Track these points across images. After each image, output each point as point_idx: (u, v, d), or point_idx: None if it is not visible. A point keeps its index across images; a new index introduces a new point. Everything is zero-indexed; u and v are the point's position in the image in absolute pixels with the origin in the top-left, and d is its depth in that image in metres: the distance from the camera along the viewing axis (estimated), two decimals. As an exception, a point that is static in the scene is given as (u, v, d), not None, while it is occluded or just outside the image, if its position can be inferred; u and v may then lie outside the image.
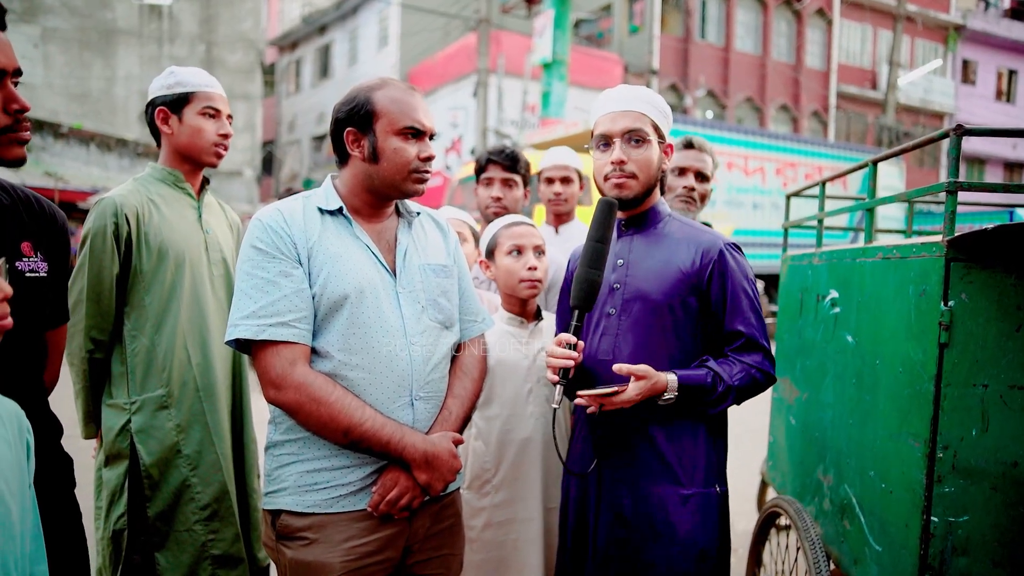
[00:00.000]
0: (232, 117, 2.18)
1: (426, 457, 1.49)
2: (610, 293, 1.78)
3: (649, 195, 1.78)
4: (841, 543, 2.03)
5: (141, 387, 2.00)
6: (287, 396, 1.44)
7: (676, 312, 1.71)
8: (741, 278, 1.72)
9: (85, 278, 1.95)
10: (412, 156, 1.55)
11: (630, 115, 1.72)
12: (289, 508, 1.50)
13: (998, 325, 1.55)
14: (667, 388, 1.63)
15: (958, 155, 1.59)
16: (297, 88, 28.58)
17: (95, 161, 15.15)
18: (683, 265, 1.71)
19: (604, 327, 1.78)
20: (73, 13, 18.57)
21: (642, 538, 1.70)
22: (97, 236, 1.94)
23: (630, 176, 1.72)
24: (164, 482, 2.00)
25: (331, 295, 1.48)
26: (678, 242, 1.76)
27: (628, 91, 1.76)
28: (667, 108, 1.80)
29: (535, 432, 1.97)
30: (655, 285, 1.72)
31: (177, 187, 2.13)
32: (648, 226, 1.81)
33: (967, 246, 1.54)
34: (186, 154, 2.11)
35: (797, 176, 14.46)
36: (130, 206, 1.98)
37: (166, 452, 2.00)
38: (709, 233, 1.77)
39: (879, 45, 25.79)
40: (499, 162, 2.70)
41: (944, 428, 1.56)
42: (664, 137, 1.78)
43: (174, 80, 2.08)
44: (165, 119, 2.08)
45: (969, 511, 1.55)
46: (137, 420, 1.99)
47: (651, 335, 1.72)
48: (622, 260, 1.79)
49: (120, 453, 1.99)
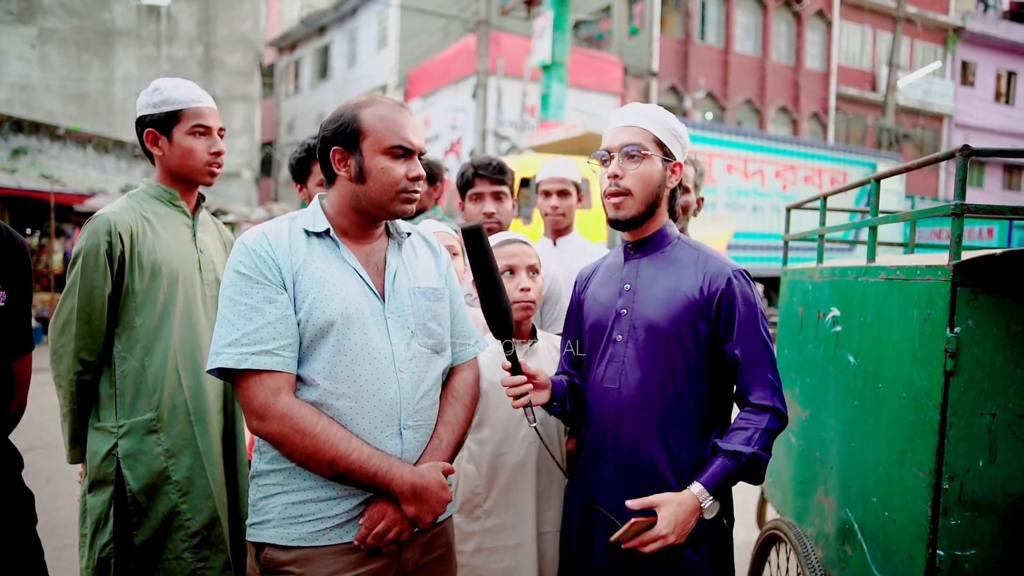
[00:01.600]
0: (224, 130, 2.12)
1: (414, 490, 1.44)
2: (616, 319, 1.72)
3: (651, 216, 1.71)
4: (842, 568, 1.98)
5: (130, 410, 1.94)
6: (270, 427, 1.39)
7: (684, 340, 1.64)
8: (748, 303, 1.64)
9: (76, 298, 1.88)
10: (400, 176, 1.50)
11: (630, 130, 1.68)
12: (273, 541, 1.45)
13: (1006, 352, 1.50)
14: (700, 505, 1.53)
15: (964, 177, 1.54)
16: (296, 89, 28.54)
17: (92, 163, 15.09)
18: (690, 292, 1.64)
19: (611, 354, 1.71)
20: (71, 14, 18.52)
21: (646, 567, 1.64)
22: (89, 255, 1.88)
23: (625, 193, 1.66)
24: (152, 509, 1.94)
25: (317, 321, 1.44)
26: (685, 267, 1.69)
27: (634, 108, 1.72)
28: (679, 127, 1.72)
29: (528, 456, 1.92)
30: (662, 312, 1.65)
31: (172, 205, 2.08)
32: (654, 249, 1.74)
33: (974, 271, 1.50)
34: (179, 175, 2.06)
35: (797, 179, 14.43)
36: (124, 224, 1.93)
37: (154, 478, 1.94)
38: (717, 259, 1.70)
39: (879, 47, 25.76)
40: (487, 176, 2.64)
41: (950, 458, 1.51)
42: (672, 156, 1.71)
43: (160, 98, 2.00)
44: (155, 141, 2.03)
45: (976, 545, 1.50)
46: (124, 444, 1.92)
47: (658, 364, 1.65)
48: (629, 285, 1.73)
49: (106, 479, 1.92)
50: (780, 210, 13.35)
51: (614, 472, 1.70)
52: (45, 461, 4.92)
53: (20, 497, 1.49)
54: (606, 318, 1.74)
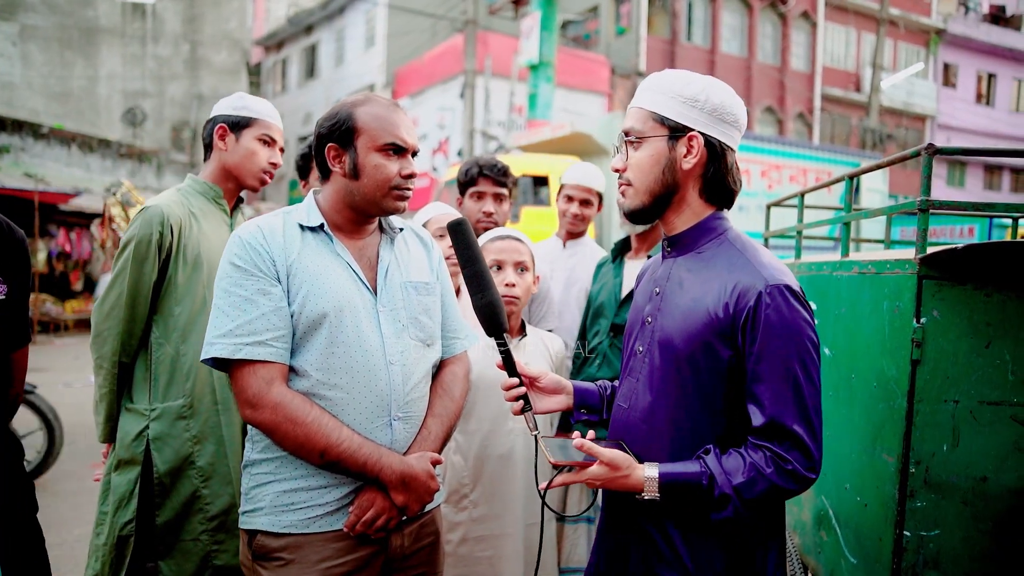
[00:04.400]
0: (284, 150, 2.26)
1: (403, 478, 1.49)
2: (642, 327, 1.47)
3: (668, 205, 1.42)
4: (818, 554, 2.05)
5: (163, 395, 2.03)
6: (263, 416, 1.43)
7: (699, 365, 1.33)
8: (781, 334, 1.27)
9: (125, 283, 1.99)
10: (393, 173, 1.55)
11: (631, 113, 1.44)
12: (265, 528, 1.49)
13: (969, 342, 1.58)
14: (644, 486, 1.30)
15: (930, 174, 1.62)
16: (283, 88, 28.41)
17: (77, 162, 14.98)
18: (713, 308, 1.32)
19: (631, 367, 1.48)
20: (53, 11, 18.36)
21: None
22: (142, 243, 1.98)
23: (627, 184, 1.43)
24: (175, 491, 2.03)
25: (310, 313, 1.48)
26: (718, 275, 1.35)
27: (643, 83, 1.45)
28: (696, 89, 1.37)
29: (514, 448, 1.97)
30: (680, 328, 1.36)
31: (215, 203, 2.19)
32: (689, 248, 1.43)
33: (939, 263, 1.56)
34: (234, 173, 2.18)
35: (782, 178, 14.56)
36: (175, 216, 2.03)
37: (180, 462, 2.03)
38: (758, 267, 1.32)
39: (863, 48, 26.04)
40: (491, 176, 2.69)
41: (916, 444, 1.58)
42: (687, 128, 1.37)
43: (242, 104, 2.17)
44: (223, 135, 2.15)
45: (940, 525, 1.57)
46: (155, 427, 2.01)
47: (668, 389, 1.38)
48: (659, 289, 1.46)
49: (134, 459, 2.01)
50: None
51: (616, 502, 1.49)
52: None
53: (21, 484, 1.53)
54: (634, 324, 1.51)
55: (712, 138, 1.38)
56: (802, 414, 1.26)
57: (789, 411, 1.26)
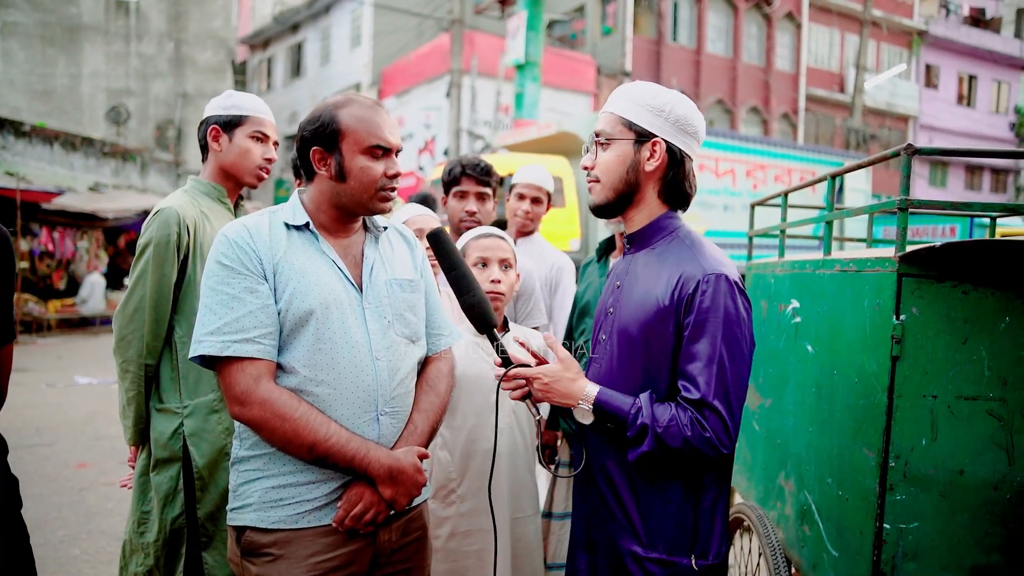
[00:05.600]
0: (279, 144, 2.27)
1: (391, 472, 1.50)
2: (606, 317, 1.63)
3: (630, 203, 1.57)
4: (801, 548, 2.08)
5: (193, 391, 2.06)
6: (252, 412, 1.44)
7: (651, 348, 1.48)
8: (711, 317, 1.42)
9: (147, 286, 2.01)
10: (379, 174, 1.56)
11: (603, 117, 1.59)
12: (254, 524, 1.50)
13: (947, 338, 1.61)
14: (581, 398, 1.48)
15: (909, 174, 1.65)
16: (269, 87, 28.26)
17: (59, 161, 14.82)
18: (661, 297, 1.47)
19: (597, 353, 1.64)
20: (35, 7, 18.15)
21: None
22: (160, 244, 2.01)
23: (595, 181, 1.59)
24: (213, 484, 2.06)
25: (296, 311, 1.49)
26: (668, 267, 1.50)
27: (615, 92, 1.62)
28: (662, 100, 1.52)
29: (500, 442, 1.98)
30: (634, 316, 1.52)
31: (220, 202, 2.22)
32: (646, 244, 1.59)
33: (918, 261, 1.60)
34: (230, 172, 2.21)
35: (767, 178, 14.68)
36: (190, 217, 2.07)
37: (216, 454, 2.06)
38: (702, 260, 1.48)
39: (846, 49, 26.30)
40: (474, 176, 2.71)
41: (896, 438, 1.61)
42: (651, 134, 1.52)
43: (231, 102, 2.19)
44: (216, 136, 2.18)
45: (919, 518, 1.61)
46: (190, 424, 2.05)
47: (625, 371, 1.53)
48: (619, 283, 1.62)
49: (172, 456, 2.04)
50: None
51: (581, 477, 1.65)
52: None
53: (4, 482, 1.52)
54: (600, 315, 1.67)
55: (674, 145, 1.54)
56: (723, 392, 1.41)
57: (711, 388, 1.40)
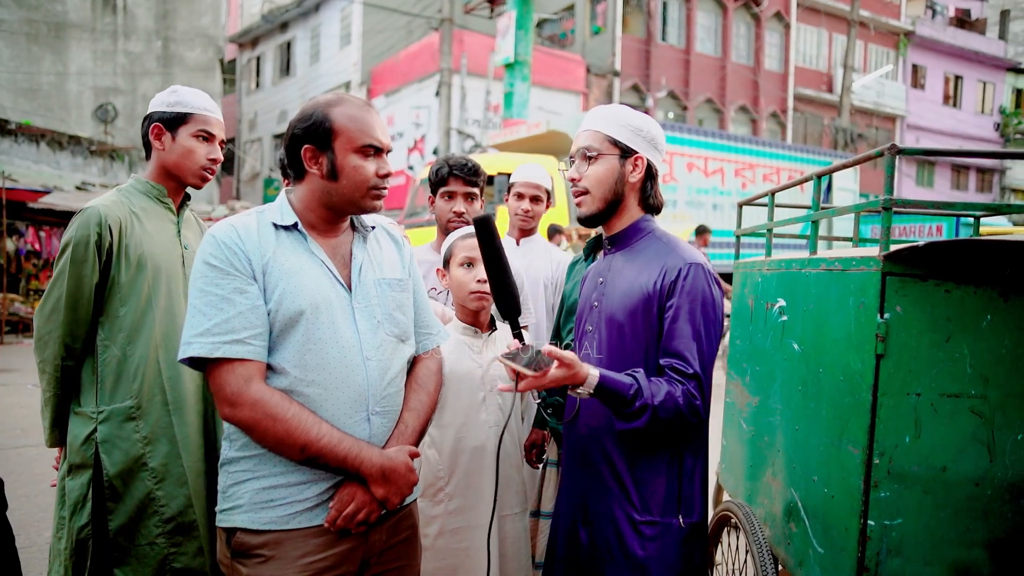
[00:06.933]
0: (225, 143, 2.21)
1: (383, 471, 1.51)
2: (590, 311, 1.83)
3: (616, 211, 1.80)
4: (787, 545, 2.11)
5: (110, 397, 2.00)
6: (243, 413, 1.44)
7: (639, 332, 1.70)
8: (691, 299, 1.67)
9: (64, 286, 1.96)
10: (371, 173, 1.57)
11: (585, 134, 1.79)
12: (245, 526, 1.50)
13: (930, 336, 1.63)
14: (585, 383, 1.58)
15: (893, 174, 1.67)
16: (258, 86, 28.11)
17: (46, 159, 14.69)
18: (646, 286, 1.70)
19: (585, 344, 1.83)
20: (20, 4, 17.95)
21: (597, 557, 1.73)
22: (79, 245, 1.96)
23: (583, 192, 1.79)
24: (128, 494, 1.99)
25: (286, 311, 1.49)
26: (650, 261, 1.74)
27: (593, 112, 1.82)
28: (639, 122, 1.78)
29: (488, 440, 2.00)
30: (621, 305, 1.73)
31: (159, 201, 2.15)
32: (626, 244, 1.82)
33: (902, 260, 1.62)
34: (173, 172, 2.14)
35: (755, 177, 14.76)
36: (114, 217, 2.00)
37: (131, 464, 1.99)
38: (680, 252, 1.74)
39: (834, 49, 26.45)
40: (462, 176, 2.70)
41: (880, 435, 1.63)
42: (633, 151, 1.76)
43: (176, 99, 2.11)
44: (159, 135, 2.11)
45: (903, 514, 1.63)
46: (103, 430, 1.99)
47: (616, 356, 1.73)
48: (602, 279, 1.82)
49: (84, 462, 1.98)
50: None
51: (570, 459, 1.78)
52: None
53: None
54: (584, 309, 1.86)
55: (650, 160, 1.79)
56: (703, 364, 1.65)
57: (697, 361, 1.64)
